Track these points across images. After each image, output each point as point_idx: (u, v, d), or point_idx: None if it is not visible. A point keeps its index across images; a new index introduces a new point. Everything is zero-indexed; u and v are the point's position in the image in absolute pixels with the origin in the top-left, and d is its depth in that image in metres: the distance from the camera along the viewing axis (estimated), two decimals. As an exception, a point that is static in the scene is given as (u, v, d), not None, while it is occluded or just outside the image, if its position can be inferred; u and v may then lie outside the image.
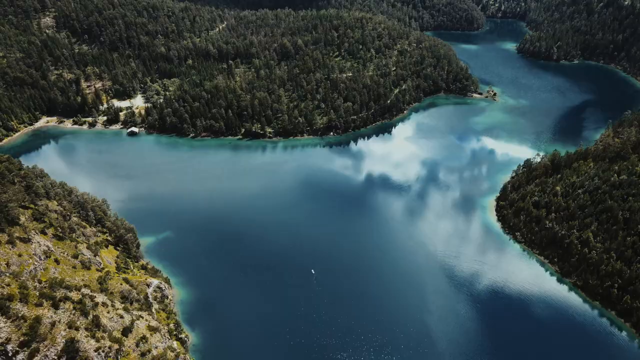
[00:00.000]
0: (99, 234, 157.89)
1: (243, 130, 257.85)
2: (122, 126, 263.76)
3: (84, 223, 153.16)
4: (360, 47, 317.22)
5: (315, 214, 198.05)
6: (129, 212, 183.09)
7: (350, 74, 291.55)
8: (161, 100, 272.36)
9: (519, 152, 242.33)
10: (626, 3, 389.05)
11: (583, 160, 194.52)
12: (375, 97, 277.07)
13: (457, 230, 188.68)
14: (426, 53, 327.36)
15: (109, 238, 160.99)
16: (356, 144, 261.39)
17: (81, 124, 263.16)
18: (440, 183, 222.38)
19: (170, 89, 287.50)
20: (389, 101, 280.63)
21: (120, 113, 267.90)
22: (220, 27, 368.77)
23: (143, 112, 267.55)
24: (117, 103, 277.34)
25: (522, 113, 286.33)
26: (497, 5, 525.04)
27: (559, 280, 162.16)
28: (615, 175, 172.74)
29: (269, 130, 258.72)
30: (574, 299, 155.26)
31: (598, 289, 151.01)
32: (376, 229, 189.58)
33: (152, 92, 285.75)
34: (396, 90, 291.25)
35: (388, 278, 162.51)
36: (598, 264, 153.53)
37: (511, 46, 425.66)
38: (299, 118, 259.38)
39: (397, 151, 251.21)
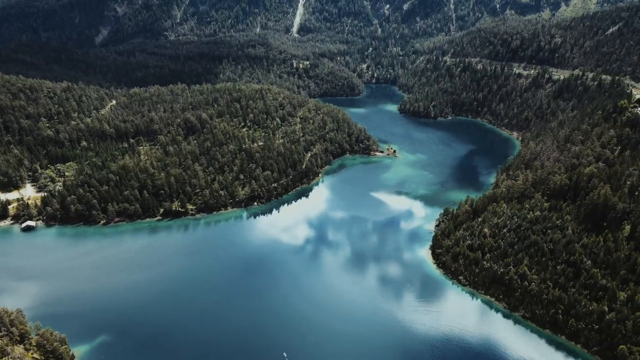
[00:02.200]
0: (26, 353, 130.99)
1: (162, 210, 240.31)
2: (13, 221, 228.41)
3: (8, 343, 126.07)
4: (265, 116, 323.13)
5: (258, 288, 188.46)
6: (48, 320, 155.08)
7: (262, 143, 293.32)
8: (59, 188, 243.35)
9: (433, 201, 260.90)
10: (479, 67, 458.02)
11: (495, 203, 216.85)
12: (292, 164, 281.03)
13: (403, 284, 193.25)
14: (327, 118, 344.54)
15: (35, 355, 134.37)
16: (279, 211, 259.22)
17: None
18: (371, 240, 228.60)
19: (67, 174, 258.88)
20: (304, 166, 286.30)
21: (9, 206, 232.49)
22: (110, 105, 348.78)
23: (39, 202, 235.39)
24: (2, 196, 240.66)
25: (423, 166, 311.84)
26: (370, 72, 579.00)
27: (508, 316, 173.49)
28: (531, 212, 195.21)
29: (191, 207, 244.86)
30: (524, 331, 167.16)
31: (545, 317, 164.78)
32: (323, 295, 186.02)
33: (46, 180, 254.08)
34: (308, 155, 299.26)
35: (355, 346, 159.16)
36: (539, 295, 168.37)
37: (392, 107, 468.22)
38: (220, 191, 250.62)
39: (321, 214, 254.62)
